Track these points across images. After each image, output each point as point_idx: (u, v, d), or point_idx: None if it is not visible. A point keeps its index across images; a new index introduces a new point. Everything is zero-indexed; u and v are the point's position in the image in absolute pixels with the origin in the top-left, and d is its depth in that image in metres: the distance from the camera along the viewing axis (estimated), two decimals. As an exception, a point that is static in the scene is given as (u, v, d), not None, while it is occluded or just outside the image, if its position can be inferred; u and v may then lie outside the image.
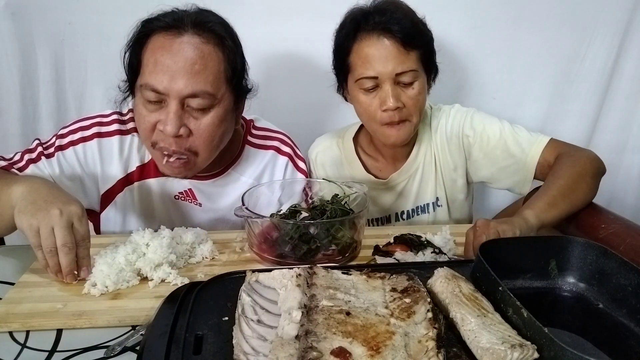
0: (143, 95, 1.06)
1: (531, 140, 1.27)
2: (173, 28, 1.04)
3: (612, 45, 1.72)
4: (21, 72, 1.59)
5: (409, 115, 1.26)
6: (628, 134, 1.85)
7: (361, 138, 1.47)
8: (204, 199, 1.26)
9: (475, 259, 0.80)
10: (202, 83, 1.04)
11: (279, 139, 1.33)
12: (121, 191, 1.22)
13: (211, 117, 1.07)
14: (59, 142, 1.17)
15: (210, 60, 1.05)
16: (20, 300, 0.87)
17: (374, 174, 1.44)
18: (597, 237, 1.01)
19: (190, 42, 1.03)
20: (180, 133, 1.05)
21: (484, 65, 1.75)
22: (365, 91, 1.25)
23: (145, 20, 1.08)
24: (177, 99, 1.03)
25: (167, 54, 1.03)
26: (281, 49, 1.66)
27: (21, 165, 1.14)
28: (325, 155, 1.46)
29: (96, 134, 1.18)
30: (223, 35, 1.08)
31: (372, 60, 1.21)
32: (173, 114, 1.03)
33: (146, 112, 1.06)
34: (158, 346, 0.66)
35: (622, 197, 1.91)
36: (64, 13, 1.55)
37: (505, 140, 1.29)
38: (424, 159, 1.41)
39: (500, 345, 0.61)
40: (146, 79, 1.04)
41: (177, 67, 1.02)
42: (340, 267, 0.89)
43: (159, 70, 1.02)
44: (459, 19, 1.67)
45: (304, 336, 0.63)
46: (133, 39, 1.08)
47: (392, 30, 1.19)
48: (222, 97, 1.08)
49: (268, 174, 1.30)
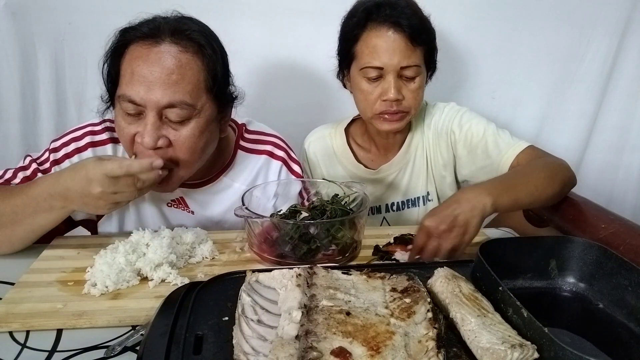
0: (121, 106, 1.02)
1: (510, 144, 1.27)
2: (150, 37, 1.01)
3: (611, 45, 1.73)
4: (21, 72, 1.59)
5: (407, 107, 1.30)
6: (627, 133, 1.86)
7: (354, 129, 1.50)
8: (195, 207, 1.24)
9: (475, 258, 0.80)
10: (180, 93, 1.00)
11: (272, 142, 1.30)
12: None
13: (191, 127, 1.03)
14: (53, 156, 1.14)
15: (189, 70, 1.01)
16: (20, 300, 0.87)
17: (365, 164, 1.47)
18: (597, 237, 1.01)
19: (167, 51, 1.00)
20: (158, 145, 1.01)
21: (483, 64, 1.76)
22: (369, 80, 1.28)
23: (122, 30, 1.05)
24: (154, 110, 0.99)
25: (144, 64, 0.99)
26: (280, 50, 1.66)
27: (16, 183, 1.12)
28: (317, 145, 1.49)
29: (89, 143, 1.16)
30: (202, 44, 1.04)
31: (379, 51, 1.24)
32: (150, 125, 1.00)
33: (125, 123, 1.03)
34: (158, 346, 0.66)
35: (622, 197, 1.91)
36: (64, 13, 1.55)
37: (487, 140, 1.31)
38: (416, 152, 1.44)
39: (500, 345, 0.61)
40: (123, 90, 1.01)
41: (154, 78, 0.98)
42: (340, 267, 0.89)
43: (135, 81, 0.99)
44: (458, 18, 1.67)
45: (304, 336, 0.63)
46: (111, 49, 1.05)
47: (402, 25, 1.22)
48: (202, 108, 1.04)
49: (262, 179, 1.27)
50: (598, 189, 1.87)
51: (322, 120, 1.62)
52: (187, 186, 1.21)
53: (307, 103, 1.71)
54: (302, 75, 1.67)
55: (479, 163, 1.32)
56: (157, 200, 1.22)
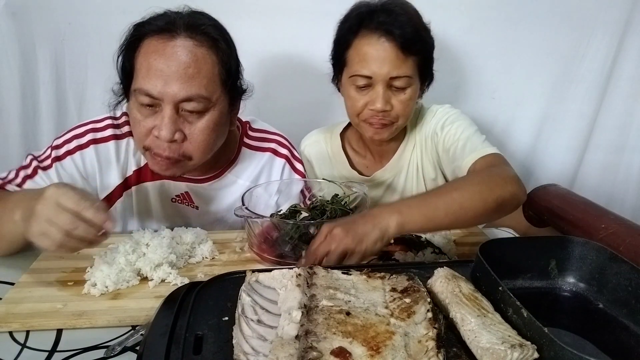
0: (137, 99, 1.04)
1: (474, 149, 1.21)
2: (165, 31, 1.03)
3: (610, 45, 1.73)
4: (21, 72, 1.59)
5: (395, 118, 1.27)
6: (627, 133, 1.85)
7: (349, 134, 1.48)
8: (200, 202, 1.26)
9: (475, 259, 0.80)
10: (197, 87, 1.02)
11: (276, 140, 1.32)
12: (120, 196, 1.21)
13: (206, 120, 1.06)
14: (55, 153, 1.15)
15: (204, 64, 1.03)
16: (20, 300, 0.87)
17: (360, 170, 1.46)
18: (597, 237, 1.01)
19: (183, 46, 1.02)
20: (175, 138, 1.03)
21: (483, 65, 1.76)
22: (357, 88, 1.26)
23: (137, 24, 1.06)
24: (171, 103, 1.02)
25: (160, 58, 1.01)
26: (280, 49, 1.66)
27: (18, 182, 1.12)
28: (312, 149, 1.48)
29: (91, 140, 1.17)
30: (216, 38, 1.06)
31: (369, 60, 1.21)
32: (167, 118, 1.02)
33: (141, 116, 1.05)
34: (158, 346, 0.66)
35: (622, 197, 1.91)
36: (64, 13, 1.55)
37: (458, 143, 1.25)
38: (410, 158, 1.42)
39: (500, 345, 0.61)
40: (140, 84, 1.02)
41: (171, 72, 1.00)
42: (340, 267, 0.88)
43: (152, 74, 1.01)
44: (458, 19, 1.67)
45: (304, 336, 0.63)
46: (125, 43, 1.06)
47: (394, 34, 1.19)
48: (217, 100, 1.07)
49: (265, 176, 1.29)
50: (598, 189, 1.87)
51: (320, 120, 1.62)
52: (193, 181, 1.22)
53: (306, 103, 1.71)
54: (303, 75, 1.67)
55: (450, 165, 1.29)
56: (162, 196, 1.23)
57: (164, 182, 1.22)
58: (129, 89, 1.07)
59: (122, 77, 1.08)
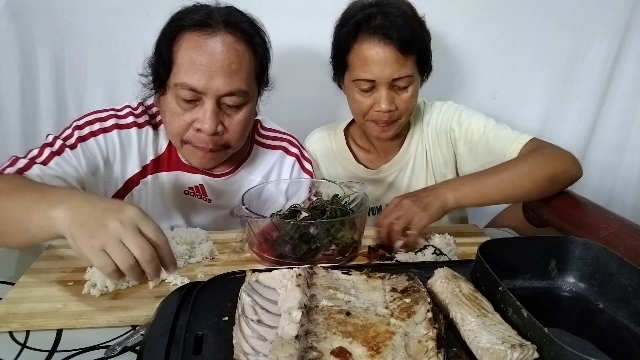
0: (177, 93, 1.07)
1: (512, 138, 1.26)
2: (206, 26, 1.05)
3: (611, 45, 1.73)
4: (21, 72, 1.59)
5: (399, 116, 1.31)
6: (628, 133, 1.86)
7: (353, 130, 1.50)
8: (213, 196, 1.27)
9: (475, 259, 0.80)
10: (238, 82, 1.07)
11: (287, 139, 1.36)
12: (137, 184, 1.22)
13: (244, 112, 1.12)
14: (78, 132, 1.13)
15: (244, 60, 1.08)
16: (20, 300, 0.87)
17: (365, 164, 1.47)
18: (597, 237, 1.01)
19: (224, 42, 1.05)
20: (217, 131, 1.08)
21: (484, 65, 1.76)
22: (361, 91, 1.28)
23: (174, 17, 1.09)
24: (214, 97, 1.06)
25: (204, 54, 1.04)
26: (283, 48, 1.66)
27: (43, 159, 1.07)
28: (317, 146, 1.49)
29: (115, 125, 1.17)
30: (252, 34, 1.11)
31: (370, 64, 1.23)
32: (211, 112, 1.06)
33: (181, 110, 1.08)
34: (158, 346, 0.66)
35: (622, 197, 1.91)
36: (64, 13, 1.55)
37: (488, 136, 1.30)
38: (415, 152, 1.44)
39: (500, 345, 0.61)
40: (182, 78, 1.05)
41: (216, 67, 1.04)
42: (340, 267, 0.89)
43: (196, 69, 1.04)
44: (459, 18, 1.67)
45: (304, 336, 0.63)
46: (164, 35, 1.08)
47: (392, 37, 1.20)
48: (253, 94, 1.13)
49: (275, 173, 1.32)
50: (598, 189, 1.87)
51: (324, 117, 1.62)
52: (209, 175, 1.25)
53: (310, 100, 1.71)
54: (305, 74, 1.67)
55: (481, 159, 1.31)
56: (176, 187, 1.25)
57: (179, 174, 1.23)
58: (164, 82, 1.09)
59: (161, 69, 1.08)
